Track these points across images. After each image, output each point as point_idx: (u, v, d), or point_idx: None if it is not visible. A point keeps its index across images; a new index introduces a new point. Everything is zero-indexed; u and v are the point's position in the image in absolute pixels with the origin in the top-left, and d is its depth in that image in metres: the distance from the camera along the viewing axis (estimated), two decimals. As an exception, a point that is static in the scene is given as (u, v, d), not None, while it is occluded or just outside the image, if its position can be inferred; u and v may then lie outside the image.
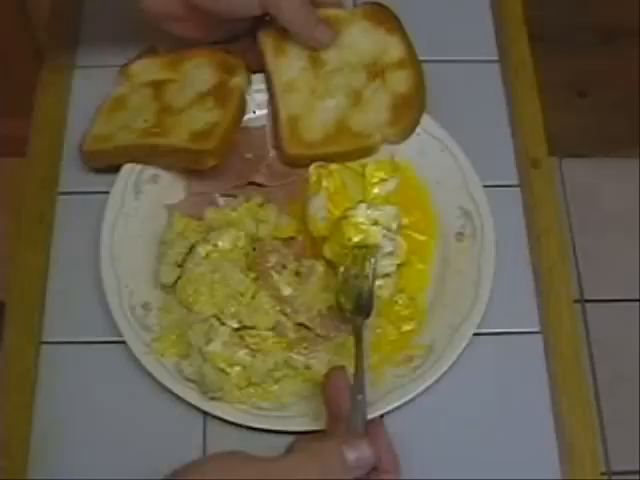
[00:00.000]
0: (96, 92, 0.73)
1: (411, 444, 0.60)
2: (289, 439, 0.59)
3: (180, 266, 0.64)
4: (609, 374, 1.51)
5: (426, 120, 0.71)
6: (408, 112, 0.71)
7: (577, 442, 0.62)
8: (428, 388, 0.62)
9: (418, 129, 0.71)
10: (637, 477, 1.44)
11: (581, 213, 1.65)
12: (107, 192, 0.68)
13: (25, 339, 0.64)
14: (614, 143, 1.63)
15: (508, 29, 0.79)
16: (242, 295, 0.62)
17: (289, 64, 0.72)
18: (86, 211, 0.68)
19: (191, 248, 0.64)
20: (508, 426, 0.62)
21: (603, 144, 1.64)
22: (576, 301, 1.54)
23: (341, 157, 0.70)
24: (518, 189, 0.72)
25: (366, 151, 0.70)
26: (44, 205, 0.69)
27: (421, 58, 0.75)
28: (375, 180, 0.69)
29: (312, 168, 0.69)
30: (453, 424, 0.62)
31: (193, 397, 0.61)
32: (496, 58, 0.78)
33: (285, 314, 0.63)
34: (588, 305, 1.58)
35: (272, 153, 0.71)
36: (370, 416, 0.59)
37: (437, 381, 0.62)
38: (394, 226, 0.65)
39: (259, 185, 0.69)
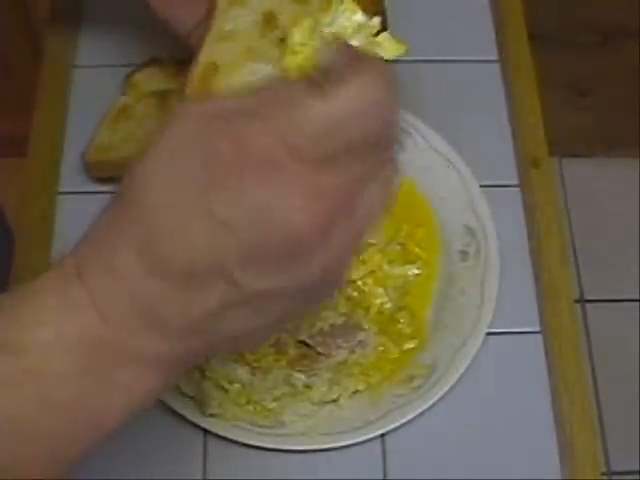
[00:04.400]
0: (96, 92, 0.73)
1: (410, 443, 0.61)
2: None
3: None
4: (609, 374, 1.51)
5: (431, 135, 0.70)
6: None
7: (577, 442, 0.62)
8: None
9: (422, 144, 0.70)
10: (637, 477, 1.44)
11: (581, 213, 1.65)
12: (108, 192, 0.68)
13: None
14: (614, 143, 1.63)
15: (508, 29, 0.79)
16: None
17: (240, 14, 0.62)
18: (86, 211, 0.68)
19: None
20: (508, 426, 0.62)
21: (603, 144, 1.64)
22: (576, 301, 1.54)
23: None
24: (518, 189, 0.71)
25: None
26: (44, 205, 0.69)
27: (420, 58, 0.75)
28: None
29: None
30: (452, 423, 0.62)
31: (192, 414, 0.60)
32: (496, 58, 0.78)
33: (286, 331, 0.63)
34: (588, 305, 1.58)
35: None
36: (370, 435, 0.60)
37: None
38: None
39: None
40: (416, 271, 0.67)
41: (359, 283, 0.65)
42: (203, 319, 0.36)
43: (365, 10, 0.58)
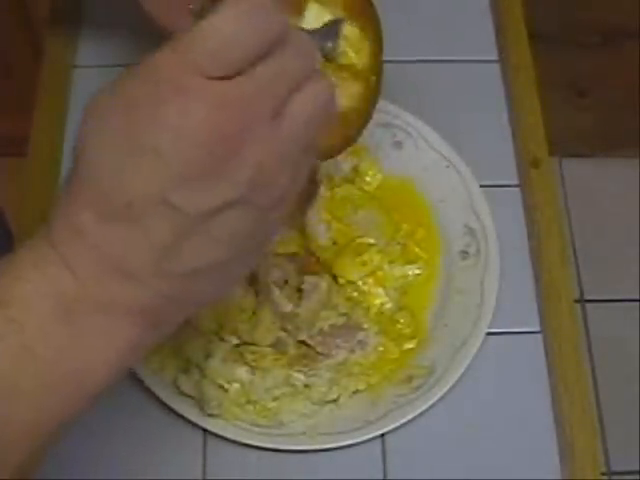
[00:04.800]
0: (96, 92, 0.73)
1: (410, 443, 0.61)
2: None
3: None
4: (609, 374, 1.51)
5: (431, 135, 0.70)
6: (341, 128, 0.57)
7: (577, 442, 0.62)
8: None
9: (422, 144, 0.70)
10: (637, 477, 1.44)
11: (581, 213, 1.65)
12: (107, 192, 0.68)
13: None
14: (614, 143, 1.63)
15: (508, 29, 0.79)
16: (243, 311, 0.62)
17: None
18: (86, 211, 0.68)
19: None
20: (508, 426, 0.62)
21: (603, 144, 1.64)
22: (576, 301, 1.54)
23: None
24: (518, 189, 0.71)
25: None
26: (44, 205, 0.69)
27: (420, 58, 0.75)
28: None
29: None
30: (452, 423, 0.62)
31: (191, 413, 0.60)
32: (496, 58, 0.78)
33: (286, 331, 0.63)
34: (588, 305, 1.58)
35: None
36: (370, 435, 0.60)
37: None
38: None
39: None
40: (416, 271, 0.67)
41: (359, 283, 0.65)
42: (163, 254, 0.37)
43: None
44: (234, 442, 0.60)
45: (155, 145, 0.36)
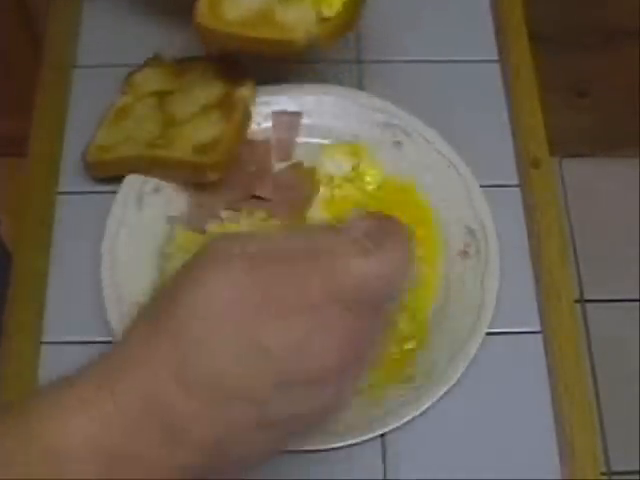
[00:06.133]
0: (96, 92, 0.73)
1: (410, 443, 0.61)
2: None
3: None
4: (609, 374, 1.51)
5: (431, 135, 0.70)
6: (339, 15, 0.64)
7: (577, 442, 0.62)
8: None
9: (422, 144, 0.70)
10: (637, 477, 1.44)
11: (581, 213, 1.65)
12: (108, 192, 0.68)
13: (25, 339, 0.64)
14: (614, 143, 1.64)
15: (508, 29, 0.79)
16: None
17: None
18: (86, 211, 0.68)
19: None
20: (508, 426, 0.62)
21: (603, 144, 1.64)
22: (576, 301, 1.54)
23: (258, 45, 0.65)
24: (518, 189, 0.71)
25: (287, 45, 0.65)
26: (44, 205, 0.69)
27: (420, 58, 0.74)
28: None
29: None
30: (452, 423, 0.62)
31: None
32: (496, 58, 0.78)
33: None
34: (588, 305, 1.58)
35: (277, 166, 0.70)
36: (370, 435, 0.60)
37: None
38: None
39: (263, 199, 0.69)
40: (416, 271, 0.67)
41: (359, 283, 0.65)
42: (228, 437, 0.39)
43: None
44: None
45: (274, 347, 0.38)
